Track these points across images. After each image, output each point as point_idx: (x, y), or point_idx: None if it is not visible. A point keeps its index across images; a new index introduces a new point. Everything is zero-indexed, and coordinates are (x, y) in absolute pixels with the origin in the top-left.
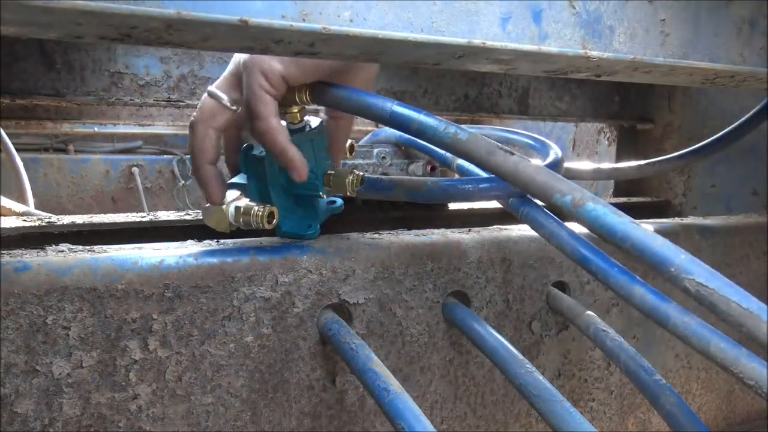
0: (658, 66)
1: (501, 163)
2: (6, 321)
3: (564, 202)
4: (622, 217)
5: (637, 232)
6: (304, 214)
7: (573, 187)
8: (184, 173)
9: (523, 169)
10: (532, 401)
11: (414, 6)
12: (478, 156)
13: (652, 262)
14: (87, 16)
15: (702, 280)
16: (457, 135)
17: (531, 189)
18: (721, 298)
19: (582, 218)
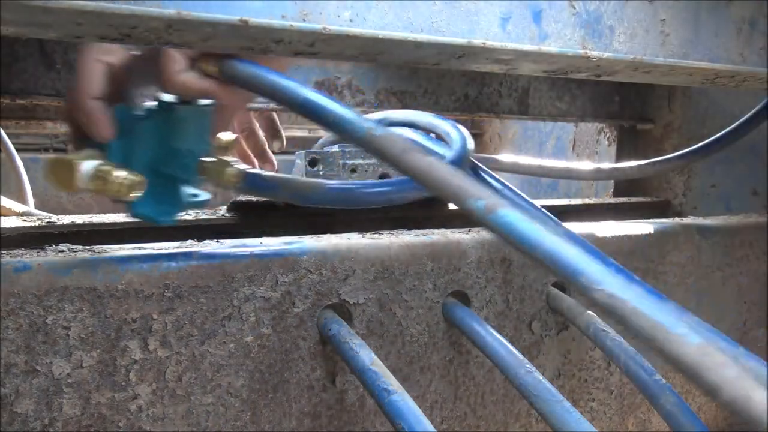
0: (658, 66)
1: (414, 163)
2: (6, 321)
3: (477, 207)
4: (535, 224)
5: (548, 239)
6: (164, 198)
7: (487, 192)
8: None
9: (436, 171)
10: (532, 401)
11: (414, 6)
12: (392, 154)
13: (562, 272)
14: (87, 16)
15: (613, 291)
16: (371, 131)
17: (445, 192)
18: (632, 310)
19: (493, 224)
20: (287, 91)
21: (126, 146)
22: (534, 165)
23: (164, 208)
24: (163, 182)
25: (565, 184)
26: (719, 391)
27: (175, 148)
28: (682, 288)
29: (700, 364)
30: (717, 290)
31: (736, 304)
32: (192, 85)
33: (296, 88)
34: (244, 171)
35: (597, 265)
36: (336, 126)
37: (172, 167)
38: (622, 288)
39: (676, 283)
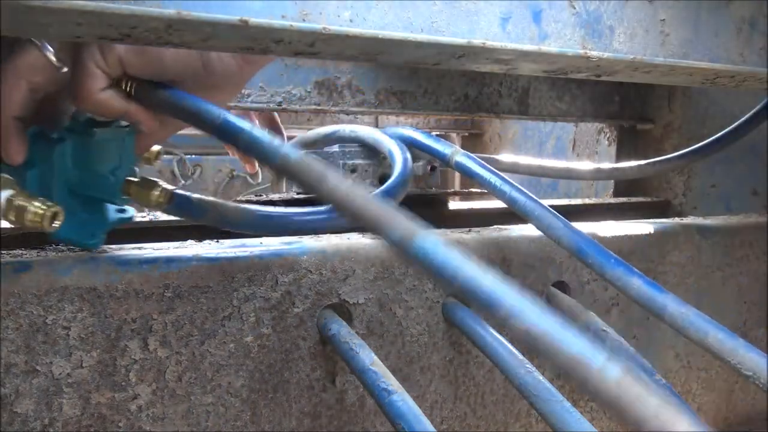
0: (658, 66)
1: (331, 191)
2: (6, 321)
3: (393, 237)
4: (454, 254)
5: (467, 268)
6: (89, 220)
7: (404, 222)
8: (184, 173)
9: (353, 199)
10: (532, 401)
11: (414, 6)
12: (308, 182)
13: (479, 303)
14: (87, 16)
15: (529, 324)
16: (287, 157)
17: (363, 221)
18: (549, 344)
19: (411, 254)
20: (205, 114)
21: (43, 172)
22: (534, 165)
23: (89, 230)
24: (85, 204)
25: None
26: (642, 425)
27: (96, 171)
28: (682, 288)
29: (620, 399)
30: (717, 290)
31: (736, 304)
32: (110, 106)
33: (214, 111)
34: (172, 192)
35: (514, 296)
36: (252, 150)
37: (93, 190)
38: (539, 320)
39: (676, 283)
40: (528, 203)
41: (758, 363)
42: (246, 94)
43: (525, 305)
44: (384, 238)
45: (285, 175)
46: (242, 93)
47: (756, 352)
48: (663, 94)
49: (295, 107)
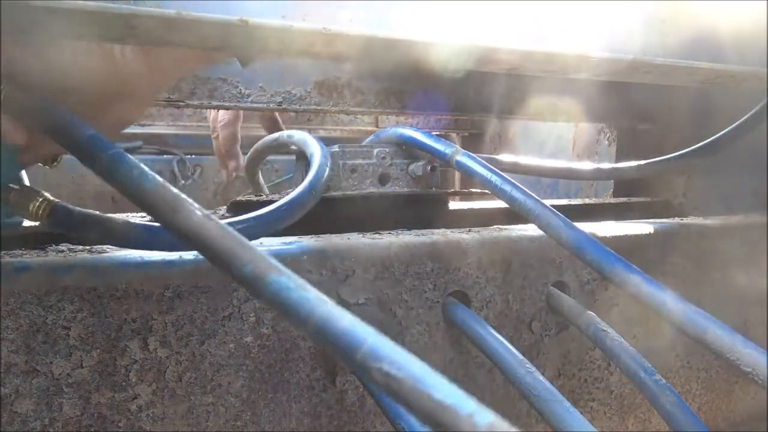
0: (658, 66)
1: (182, 223)
2: (6, 321)
3: (244, 273)
4: (308, 291)
5: (322, 308)
6: None
7: (257, 256)
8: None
9: (205, 232)
10: (532, 401)
11: (414, 6)
12: (162, 213)
13: (337, 346)
14: (87, 16)
15: (391, 368)
16: (141, 184)
17: (214, 255)
18: (412, 389)
19: (264, 293)
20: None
21: None
22: (534, 165)
23: None
24: None
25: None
26: None
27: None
28: (682, 288)
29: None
30: (717, 290)
31: (736, 304)
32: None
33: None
34: (54, 204)
35: (375, 337)
36: (107, 174)
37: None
38: (402, 364)
39: (676, 283)
40: (528, 202)
41: (757, 359)
42: (246, 95)
43: (386, 346)
44: (235, 274)
45: (138, 205)
46: (242, 93)
47: (755, 348)
48: (663, 94)
49: (295, 107)
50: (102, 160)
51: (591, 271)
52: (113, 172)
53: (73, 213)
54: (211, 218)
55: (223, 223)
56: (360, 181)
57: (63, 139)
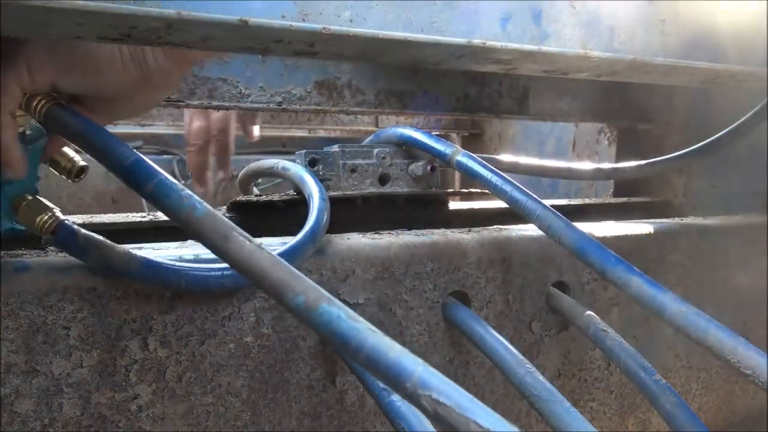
0: (658, 66)
1: (234, 251)
2: (6, 321)
3: (296, 303)
4: (358, 322)
5: (372, 339)
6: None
7: (309, 286)
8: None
9: (257, 261)
10: (532, 401)
11: (414, 6)
12: (212, 240)
13: (387, 375)
14: (87, 16)
15: (440, 396)
16: (192, 211)
17: (264, 285)
18: (461, 418)
19: (315, 323)
20: (113, 153)
21: None
22: (534, 165)
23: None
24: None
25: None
26: None
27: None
28: (682, 288)
29: None
30: (717, 290)
31: (736, 305)
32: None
33: (124, 152)
34: (59, 222)
35: (424, 367)
36: (156, 200)
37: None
38: (449, 393)
39: (676, 283)
40: (529, 202)
41: (758, 361)
42: (246, 94)
43: (434, 376)
44: (286, 304)
45: (187, 232)
46: (242, 93)
47: (755, 350)
48: (663, 94)
49: (295, 107)
50: (148, 187)
51: (591, 271)
52: (162, 199)
53: (77, 235)
54: (262, 249)
55: (273, 253)
56: (360, 181)
57: (107, 163)
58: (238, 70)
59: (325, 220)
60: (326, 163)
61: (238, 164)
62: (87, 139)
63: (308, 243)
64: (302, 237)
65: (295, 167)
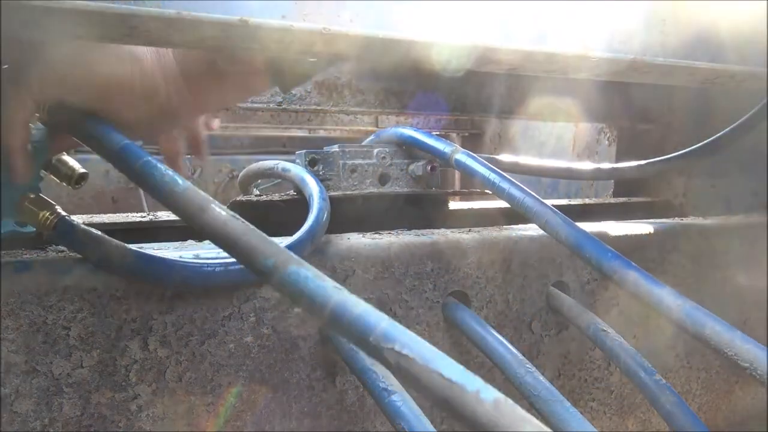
0: (658, 66)
1: (210, 221)
2: (6, 321)
3: (266, 266)
4: (325, 281)
5: (337, 296)
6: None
7: (278, 250)
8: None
9: (231, 229)
10: (532, 401)
11: (414, 6)
12: (190, 212)
13: (351, 330)
14: (87, 16)
15: (402, 349)
16: (174, 186)
17: (236, 251)
18: (423, 368)
19: (284, 284)
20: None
21: None
22: (534, 165)
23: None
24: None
25: (565, 184)
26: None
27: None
28: (682, 288)
29: (497, 422)
30: (717, 290)
31: (736, 304)
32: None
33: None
34: (61, 218)
35: (388, 321)
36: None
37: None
38: (412, 345)
39: (676, 283)
40: (526, 199)
41: (756, 354)
42: None
43: (397, 329)
44: (257, 268)
45: (169, 207)
46: None
47: (753, 343)
48: (663, 94)
49: (295, 107)
50: (135, 167)
51: (591, 271)
52: (146, 178)
53: (76, 229)
54: (236, 217)
55: (247, 223)
56: (360, 181)
57: (99, 148)
58: None
59: (325, 219)
60: (326, 163)
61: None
62: (84, 128)
63: (307, 241)
64: (301, 235)
65: (296, 168)
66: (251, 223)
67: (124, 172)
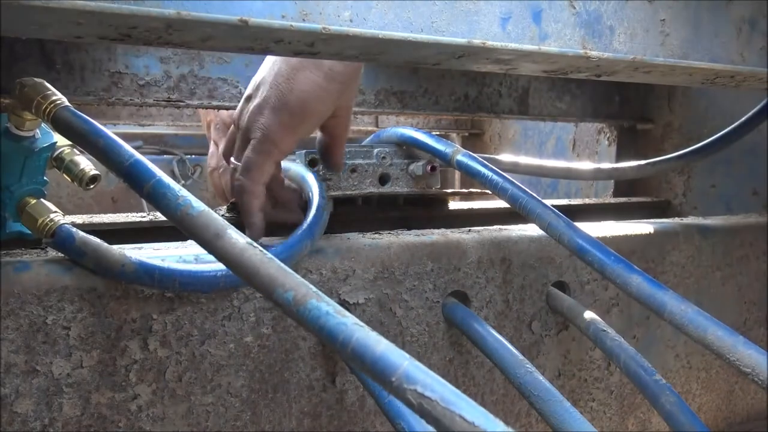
0: (658, 66)
1: (226, 248)
2: (6, 321)
3: (285, 299)
4: (346, 317)
5: (359, 333)
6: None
7: (298, 283)
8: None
9: (248, 258)
10: (532, 401)
11: (414, 6)
12: (205, 238)
13: (373, 370)
14: (87, 16)
15: (426, 391)
16: (187, 209)
17: (255, 282)
18: (448, 410)
19: (303, 317)
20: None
21: None
22: (534, 165)
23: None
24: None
25: (565, 184)
26: None
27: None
28: (682, 288)
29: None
30: (717, 290)
31: (736, 304)
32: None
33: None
34: (60, 225)
35: (408, 362)
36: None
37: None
38: (434, 387)
39: (676, 283)
40: (529, 202)
41: (757, 360)
42: None
43: (419, 370)
44: (275, 300)
45: (183, 229)
46: (242, 93)
47: (755, 349)
48: (663, 94)
49: None
50: (146, 187)
51: (591, 271)
52: (158, 199)
53: (75, 238)
54: (254, 246)
55: (264, 251)
56: (360, 181)
57: (109, 163)
58: (238, 70)
59: (324, 218)
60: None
61: None
62: (90, 140)
63: (306, 239)
64: (301, 233)
65: (296, 167)
66: None
67: (133, 189)
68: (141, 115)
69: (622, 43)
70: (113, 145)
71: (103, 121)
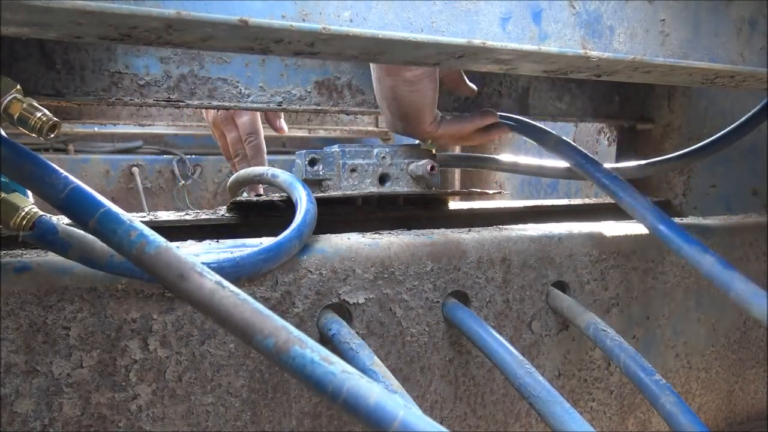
0: (658, 66)
1: (193, 291)
2: (6, 321)
3: (266, 346)
4: (333, 364)
5: (349, 383)
6: None
7: (277, 326)
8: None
9: (218, 301)
10: (531, 401)
11: (414, 6)
12: (169, 279)
13: (368, 421)
14: (87, 16)
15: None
16: (143, 247)
17: (229, 326)
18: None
19: (287, 367)
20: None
21: None
22: (534, 165)
23: None
24: None
25: (565, 184)
26: None
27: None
28: (682, 288)
29: None
30: (717, 290)
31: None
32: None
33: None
34: (40, 217)
35: (403, 411)
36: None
37: None
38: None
39: (676, 283)
40: None
41: None
42: (246, 94)
43: (417, 419)
44: (254, 346)
45: (143, 268)
46: (242, 93)
47: None
48: (663, 94)
49: (295, 107)
50: (91, 221)
51: (591, 271)
52: (108, 234)
53: (58, 230)
54: (224, 286)
55: (236, 290)
56: (360, 181)
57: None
58: (238, 70)
59: (311, 219)
60: (326, 163)
61: None
62: (15, 166)
63: (294, 239)
64: (289, 233)
65: (284, 174)
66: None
67: (77, 221)
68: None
69: (622, 43)
70: (44, 171)
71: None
